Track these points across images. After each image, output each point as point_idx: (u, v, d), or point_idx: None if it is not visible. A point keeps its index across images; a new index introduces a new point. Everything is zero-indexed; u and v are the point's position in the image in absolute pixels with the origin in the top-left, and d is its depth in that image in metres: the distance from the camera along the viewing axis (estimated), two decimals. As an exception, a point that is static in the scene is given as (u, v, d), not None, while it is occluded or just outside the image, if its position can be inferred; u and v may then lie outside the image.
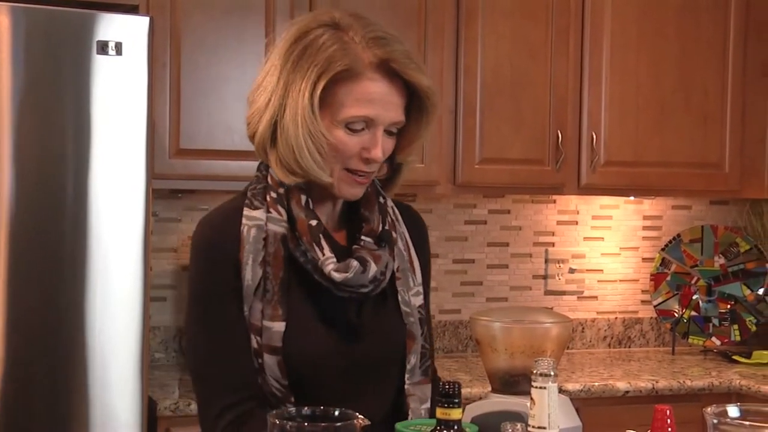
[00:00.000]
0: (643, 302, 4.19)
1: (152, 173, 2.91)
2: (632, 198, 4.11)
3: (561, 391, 1.76)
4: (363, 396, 1.78)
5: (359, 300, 1.79)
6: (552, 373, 1.48)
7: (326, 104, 1.73)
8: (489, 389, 1.81)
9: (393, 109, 1.76)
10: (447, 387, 1.44)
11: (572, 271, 4.10)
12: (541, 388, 1.47)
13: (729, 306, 4.10)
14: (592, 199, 4.10)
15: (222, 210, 1.82)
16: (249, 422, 1.72)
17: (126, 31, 2.78)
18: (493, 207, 4.01)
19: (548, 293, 4.08)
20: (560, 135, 3.67)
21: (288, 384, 1.74)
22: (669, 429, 1.56)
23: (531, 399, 1.48)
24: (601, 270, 4.15)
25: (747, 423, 1.56)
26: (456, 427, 1.43)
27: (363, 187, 1.81)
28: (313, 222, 1.76)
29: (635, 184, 3.81)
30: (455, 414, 1.44)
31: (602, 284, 4.15)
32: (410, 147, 1.85)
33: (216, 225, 1.80)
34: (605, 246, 4.15)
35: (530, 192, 3.90)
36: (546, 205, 4.07)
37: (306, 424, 1.40)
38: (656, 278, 4.13)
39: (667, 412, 1.57)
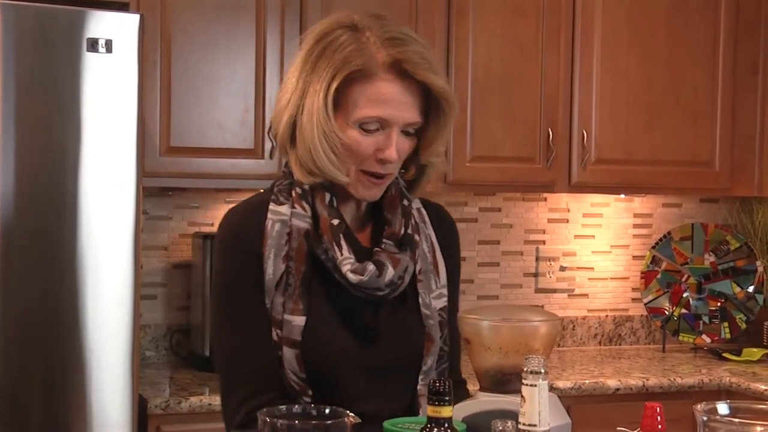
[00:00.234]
0: (634, 300, 4.20)
1: (143, 171, 2.91)
2: (623, 196, 4.12)
3: (551, 389, 1.76)
4: (379, 395, 1.78)
5: (376, 302, 1.79)
6: (543, 371, 1.48)
7: (341, 105, 1.74)
8: (477, 387, 1.81)
9: (407, 110, 1.75)
10: (437, 384, 1.42)
11: (563, 269, 4.10)
12: (532, 386, 1.47)
13: (719, 304, 4.11)
14: (583, 197, 4.10)
15: (248, 203, 1.84)
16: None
17: (116, 29, 2.78)
18: (484, 205, 4.02)
19: (539, 291, 4.09)
20: (551, 133, 3.67)
21: (306, 378, 1.74)
22: (659, 426, 1.56)
23: (522, 396, 1.48)
24: (592, 268, 4.15)
25: (737, 420, 1.56)
26: (446, 425, 1.42)
27: (380, 189, 1.81)
28: (335, 221, 1.76)
29: (626, 182, 3.82)
30: (446, 412, 1.43)
31: (593, 282, 4.16)
32: (431, 148, 1.84)
33: (241, 217, 1.81)
34: (596, 244, 4.16)
35: (521, 190, 3.91)
36: (537, 203, 4.07)
37: (296, 422, 1.40)
38: (647, 276, 4.13)
39: (658, 410, 1.57)
